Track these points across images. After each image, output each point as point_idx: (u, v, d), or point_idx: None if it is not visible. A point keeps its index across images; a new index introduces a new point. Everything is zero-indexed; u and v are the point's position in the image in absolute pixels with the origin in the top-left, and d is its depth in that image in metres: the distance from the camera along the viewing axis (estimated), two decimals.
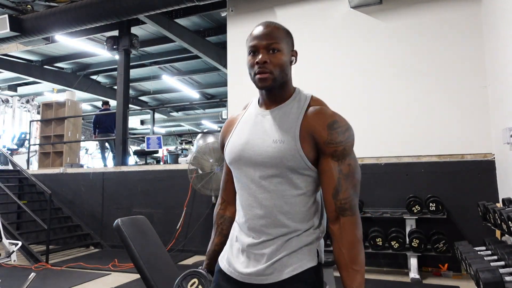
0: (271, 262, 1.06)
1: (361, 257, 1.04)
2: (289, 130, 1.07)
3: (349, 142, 1.07)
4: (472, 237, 3.93)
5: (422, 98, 4.53)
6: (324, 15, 5.10)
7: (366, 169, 4.59)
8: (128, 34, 6.74)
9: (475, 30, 4.37)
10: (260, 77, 1.07)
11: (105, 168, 6.95)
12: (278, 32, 1.10)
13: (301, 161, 1.05)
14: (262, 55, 1.07)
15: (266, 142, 1.08)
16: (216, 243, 1.30)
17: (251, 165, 1.10)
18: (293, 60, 1.15)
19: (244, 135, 1.14)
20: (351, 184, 1.05)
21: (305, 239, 1.08)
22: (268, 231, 1.08)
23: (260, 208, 1.09)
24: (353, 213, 1.05)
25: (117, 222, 1.87)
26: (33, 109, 11.16)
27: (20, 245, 3.04)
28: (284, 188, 1.07)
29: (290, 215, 1.07)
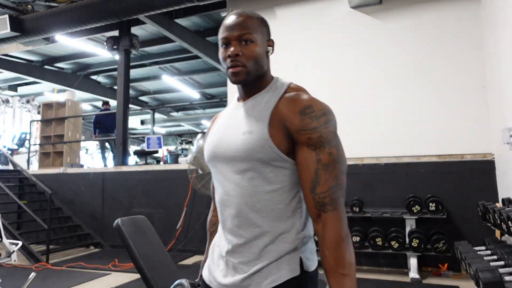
0: (249, 273, 0.97)
1: (348, 259, 0.89)
2: (259, 120, 0.98)
3: (326, 128, 0.94)
4: (472, 237, 3.93)
5: (422, 98, 4.53)
6: (324, 15, 5.11)
7: (366, 169, 4.59)
8: (128, 34, 6.74)
9: (475, 31, 4.38)
10: (233, 71, 1.00)
11: (105, 168, 6.95)
12: (251, 22, 1.03)
13: (272, 152, 0.95)
14: (234, 47, 1.00)
15: (236, 135, 1.01)
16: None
17: (224, 161, 1.02)
18: (270, 50, 1.07)
19: (220, 131, 1.08)
20: (332, 175, 0.92)
21: (286, 245, 0.97)
22: (241, 232, 0.99)
23: (233, 206, 1.00)
24: (335, 208, 0.91)
25: (117, 222, 1.87)
26: (33, 109, 11.15)
27: (21, 245, 3.05)
28: (256, 184, 0.97)
29: (264, 213, 0.97)
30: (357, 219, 4.52)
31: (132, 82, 9.68)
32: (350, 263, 0.89)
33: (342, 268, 0.88)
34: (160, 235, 2.20)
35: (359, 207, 4.26)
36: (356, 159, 4.66)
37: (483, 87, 4.28)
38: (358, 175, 4.62)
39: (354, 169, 4.64)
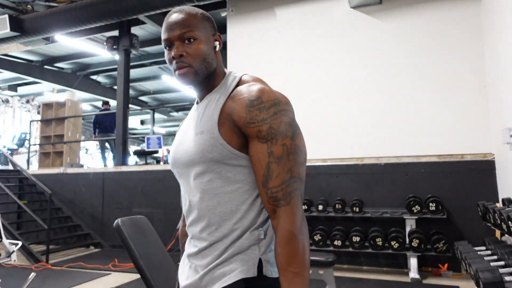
0: (203, 272, 0.94)
1: (299, 256, 0.84)
2: (209, 119, 0.94)
3: (277, 118, 0.88)
4: (472, 237, 3.93)
5: (421, 98, 4.53)
6: (324, 15, 5.10)
7: (366, 169, 4.59)
8: (128, 34, 6.74)
9: (475, 30, 4.38)
10: (179, 73, 0.95)
11: (105, 168, 6.95)
12: (192, 19, 0.96)
13: (224, 150, 0.91)
14: (177, 48, 0.94)
15: (190, 138, 0.98)
16: None
17: (183, 166, 0.99)
18: (217, 45, 1.01)
19: (180, 136, 1.05)
20: (286, 167, 0.87)
21: (242, 244, 0.92)
22: (204, 236, 0.95)
23: (195, 212, 0.97)
24: (288, 202, 0.86)
25: (117, 222, 1.87)
26: (33, 109, 11.15)
27: (20, 245, 3.05)
28: (216, 186, 0.93)
29: (226, 216, 0.93)
30: (357, 219, 4.52)
31: (132, 82, 9.68)
32: (302, 261, 0.84)
33: (293, 266, 0.83)
34: (160, 235, 2.20)
35: (359, 207, 4.26)
36: (356, 159, 4.66)
37: (483, 87, 4.28)
38: (358, 175, 4.62)
39: (354, 169, 4.64)
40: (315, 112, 4.97)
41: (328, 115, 4.92)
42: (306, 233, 0.87)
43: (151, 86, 11.56)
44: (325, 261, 2.48)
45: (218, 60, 1.02)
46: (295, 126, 0.92)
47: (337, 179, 4.72)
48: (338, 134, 4.83)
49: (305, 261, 0.85)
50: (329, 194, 4.71)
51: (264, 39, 5.42)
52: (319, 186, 4.79)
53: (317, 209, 4.43)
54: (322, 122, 4.93)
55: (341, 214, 4.36)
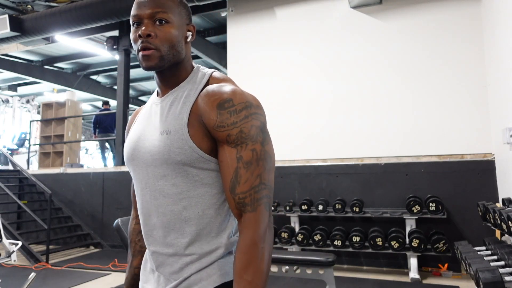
0: (177, 282, 0.89)
1: (256, 265, 0.80)
2: (177, 118, 0.88)
3: (247, 122, 0.84)
4: (472, 237, 3.93)
5: (422, 98, 4.53)
6: (324, 15, 5.10)
7: (366, 169, 4.59)
8: (128, 34, 6.73)
9: (475, 30, 4.38)
10: (143, 54, 0.87)
11: (105, 168, 6.95)
12: (169, 1, 0.89)
13: (193, 153, 0.86)
14: (146, 26, 0.87)
15: (154, 136, 0.90)
16: (135, 266, 1.09)
17: (143, 165, 0.91)
18: (189, 35, 0.95)
19: (138, 130, 0.96)
20: (255, 173, 0.83)
21: (219, 251, 0.89)
22: (168, 242, 0.90)
23: (157, 216, 0.90)
24: (254, 209, 0.82)
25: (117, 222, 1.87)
26: (33, 109, 11.16)
27: (20, 245, 3.05)
28: (181, 190, 0.88)
29: (192, 221, 0.88)
30: (357, 219, 4.52)
31: (132, 82, 9.67)
32: (259, 271, 0.80)
33: (248, 274, 0.79)
34: None
35: (359, 207, 4.26)
36: (356, 159, 4.66)
37: (484, 87, 4.28)
38: (358, 175, 4.62)
39: (354, 169, 4.64)
40: (315, 112, 4.97)
41: (328, 115, 4.92)
42: (269, 242, 0.83)
43: (151, 86, 11.56)
44: (325, 261, 2.47)
45: (188, 51, 0.95)
46: (265, 132, 0.88)
47: (337, 179, 4.72)
48: (338, 134, 4.83)
49: (262, 271, 0.80)
50: (329, 194, 4.72)
51: (264, 39, 5.42)
52: (319, 186, 4.79)
53: (317, 209, 4.43)
54: (322, 122, 4.93)
55: (341, 214, 4.36)
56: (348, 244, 4.17)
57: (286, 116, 5.09)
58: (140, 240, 1.10)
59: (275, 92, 5.21)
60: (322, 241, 4.24)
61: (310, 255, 2.61)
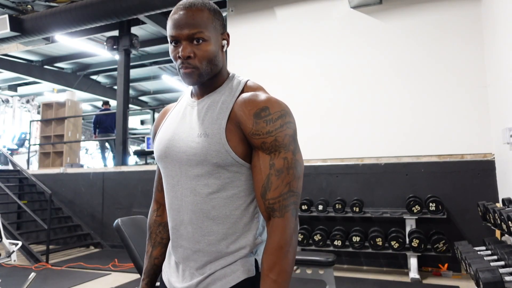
0: (203, 277, 0.95)
1: (281, 266, 0.87)
2: (215, 122, 0.93)
3: (282, 131, 0.90)
4: (472, 237, 3.93)
5: (422, 98, 4.53)
6: (324, 15, 5.10)
7: (366, 169, 4.59)
8: (128, 34, 6.74)
9: (475, 30, 4.38)
10: (185, 72, 0.92)
11: (105, 168, 6.95)
12: (203, 17, 0.92)
13: (228, 157, 0.91)
14: (185, 48, 0.91)
15: (191, 137, 0.95)
16: (155, 256, 1.13)
17: (177, 163, 0.96)
18: (225, 44, 0.99)
19: (171, 129, 1.01)
20: (285, 181, 0.89)
21: (242, 251, 0.95)
22: (195, 239, 0.95)
23: (187, 213, 0.96)
24: (282, 215, 0.89)
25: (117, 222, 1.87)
26: (33, 109, 11.16)
27: (20, 245, 3.04)
28: (212, 190, 0.93)
29: (219, 220, 0.94)
30: (357, 219, 4.52)
31: (132, 82, 9.68)
32: (283, 272, 0.87)
33: (272, 273, 0.87)
34: None
35: (359, 207, 4.26)
36: (356, 159, 4.66)
37: (484, 87, 4.28)
38: (358, 175, 4.62)
39: (354, 169, 4.64)
40: (315, 112, 4.97)
41: (328, 115, 4.92)
42: (294, 246, 0.90)
43: (151, 86, 11.56)
44: (325, 261, 2.48)
45: (224, 60, 1.00)
46: (296, 140, 0.94)
47: (337, 179, 4.72)
48: (338, 134, 4.83)
49: (286, 271, 0.88)
50: (329, 194, 4.72)
51: (264, 39, 5.42)
52: (319, 186, 4.79)
53: (317, 209, 4.43)
54: (322, 122, 4.93)
55: (341, 214, 4.36)
56: (348, 244, 4.17)
57: None
58: (160, 231, 1.14)
59: (275, 92, 5.17)
60: (322, 241, 4.24)
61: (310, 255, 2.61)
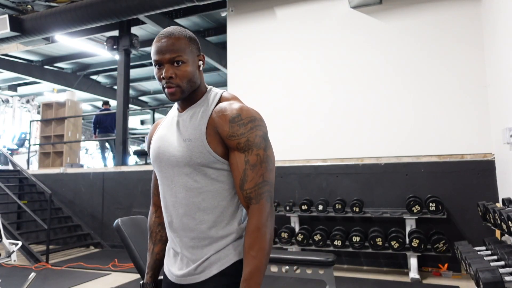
0: (200, 261, 1.11)
1: (259, 244, 1.03)
2: (197, 128, 1.11)
3: (253, 132, 1.07)
4: (472, 237, 3.93)
5: (422, 98, 4.53)
6: (324, 15, 5.10)
7: (366, 169, 4.59)
8: (128, 34, 6.74)
9: (475, 30, 4.38)
10: (169, 92, 1.11)
11: (105, 168, 6.95)
12: (180, 43, 1.10)
13: (210, 156, 1.09)
14: (167, 70, 1.09)
15: (178, 142, 1.13)
16: (157, 252, 1.30)
17: (169, 165, 1.14)
18: (201, 64, 1.16)
19: (162, 137, 1.19)
20: (259, 173, 1.06)
21: (231, 236, 1.12)
22: (191, 227, 1.11)
23: (181, 207, 1.12)
24: (258, 201, 1.06)
25: (117, 222, 1.87)
26: (33, 109, 11.16)
27: (20, 245, 3.04)
28: (201, 185, 1.10)
29: (209, 210, 1.11)
30: (357, 219, 4.52)
31: (132, 82, 9.67)
32: (261, 249, 1.03)
33: (252, 251, 1.03)
34: None
35: (359, 207, 4.26)
36: (356, 159, 4.66)
37: (484, 87, 4.28)
38: (358, 175, 4.62)
39: (354, 169, 4.64)
40: (315, 112, 4.97)
41: (328, 115, 4.92)
42: (270, 227, 1.07)
43: (151, 86, 11.56)
44: (325, 261, 2.47)
45: (201, 77, 1.17)
46: (267, 139, 1.11)
47: (337, 179, 4.72)
48: (338, 134, 4.83)
49: (265, 249, 1.04)
50: (329, 194, 4.72)
51: (264, 39, 5.42)
52: (319, 186, 4.79)
53: (317, 209, 4.43)
54: (322, 122, 4.93)
55: (341, 214, 4.36)
56: (348, 244, 4.17)
57: (286, 115, 5.09)
58: (160, 230, 1.31)
59: (275, 92, 5.21)
60: (322, 241, 4.24)
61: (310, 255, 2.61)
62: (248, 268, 1.03)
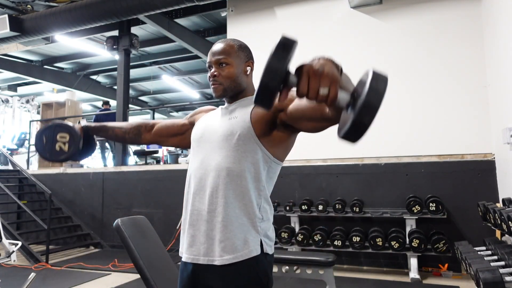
0: (215, 245, 1.15)
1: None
2: (244, 109, 1.23)
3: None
4: (472, 237, 3.93)
5: (422, 97, 4.53)
6: (324, 15, 5.10)
7: (366, 169, 4.59)
8: (128, 34, 6.74)
9: (475, 30, 4.37)
10: (212, 87, 1.25)
11: (105, 168, 6.95)
12: (229, 48, 1.25)
13: (248, 132, 1.16)
14: (213, 69, 1.25)
15: (224, 122, 1.24)
16: (114, 128, 1.54)
17: (208, 142, 1.24)
18: (248, 70, 1.29)
19: (209, 121, 1.31)
20: None
21: (246, 225, 1.15)
22: (212, 200, 1.17)
23: (207, 179, 1.19)
24: None
25: (117, 222, 1.87)
26: (33, 109, 11.15)
27: (20, 245, 3.04)
28: (229, 161, 1.17)
29: (231, 186, 1.15)
30: (357, 219, 4.52)
31: (132, 82, 9.68)
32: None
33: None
34: (160, 235, 2.20)
35: (359, 207, 4.26)
36: (356, 159, 4.66)
37: (484, 87, 4.28)
38: (358, 175, 4.62)
39: (354, 169, 4.64)
40: None
41: None
42: None
43: (151, 86, 11.56)
44: (325, 261, 2.47)
45: (249, 81, 1.31)
46: None
47: (337, 179, 4.72)
48: None
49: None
50: (329, 194, 4.71)
51: (264, 39, 5.40)
52: (319, 186, 4.79)
53: (317, 209, 4.43)
54: None
55: (341, 214, 4.36)
56: (348, 244, 4.17)
57: None
58: (134, 129, 1.53)
59: None
60: (322, 241, 4.24)
61: (310, 255, 2.61)
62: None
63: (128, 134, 1.52)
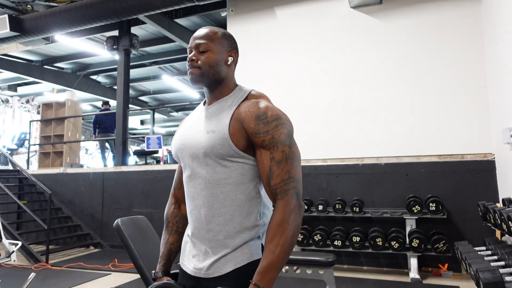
0: (216, 258, 1.12)
1: (279, 239, 1.02)
2: (221, 121, 1.13)
3: (277, 130, 1.09)
4: (472, 237, 3.93)
5: (422, 98, 4.53)
6: (324, 15, 5.10)
7: (366, 169, 4.59)
8: (128, 34, 6.74)
9: (475, 30, 4.37)
10: (188, 72, 1.17)
11: (105, 168, 6.94)
12: (212, 34, 1.18)
13: (230, 149, 1.10)
14: (192, 53, 1.17)
15: (201, 134, 1.15)
16: (171, 242, 1.31)
17: (190, 156, 1.16)
18: (230, 60, 1.20)
19: (187, 130, 1.22)
20: (285, 169, 1.07)
21: (247, 233, 1.12)
22: (209, 219, 1.13)
23: (200, 198, 1.14)
24: (282, 197, 1.06)
25: (117, 222, 1.87)
26: (33, 109, 11.15)
27: (20, 245, 3.04)
28: (219, 177, 1.11)
29: (227, 203, 1.11)
30: (357, 219, 4.52)
31: (132, 82, 9.67)
32: (280, 244, 1.02)
33: (271, 245, 1.03)
34: (160, 235, 2.20)
35: (359, 207, 4.26)
36: (356, 159, 4.66)
37: (484, 87, 4.28)
38: (358, 175, 4.62)
39: (354, 169, 4.64)
40: (315, 111, 4.97)
41: (328, 115, 4.92)
42: (293, 224, 1.05)
43: (151, 86, 11.56)
44: (325, 261, 2.47)
45: (229, 73, 1.21)
46: (292, 137, 1.13)
47: (337, 179, 4.72)
48: (338, 134, 4.82)
49: (284, 245, 1.03)
50: (329, 194, 4.71)
51: (264, 39, 5.42)
52: (319, 186, 4.79)
53: (317, 209, 4.43)
54: (322, 122, 4.93)
55: (341, 214, 4.36)
56: (348, 244, 4.17)
57: None
58: (177, 222, 1.34)
59: (275, 92, 5.20)
60: (322, 241, 4.24)
61: (310, 255, 2.61)
62: (265, 262, 1.02)
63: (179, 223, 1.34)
